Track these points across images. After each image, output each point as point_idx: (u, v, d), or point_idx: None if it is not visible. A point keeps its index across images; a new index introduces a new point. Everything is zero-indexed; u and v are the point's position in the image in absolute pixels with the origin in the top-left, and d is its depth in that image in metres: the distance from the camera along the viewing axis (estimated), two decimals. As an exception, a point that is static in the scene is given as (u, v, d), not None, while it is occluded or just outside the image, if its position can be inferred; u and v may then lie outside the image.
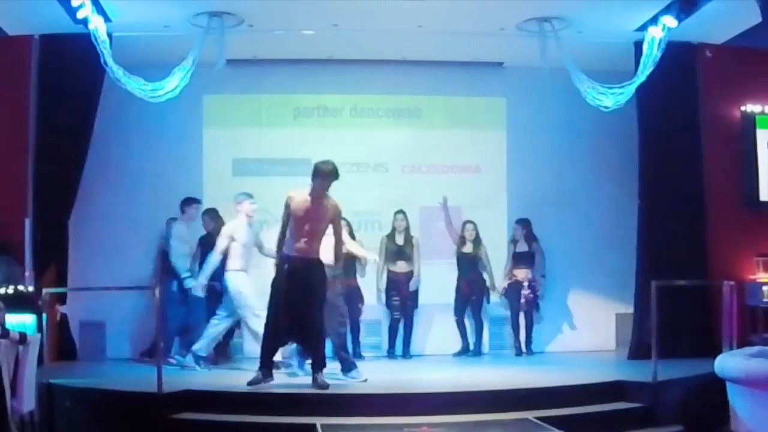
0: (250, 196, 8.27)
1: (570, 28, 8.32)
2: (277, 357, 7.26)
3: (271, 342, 6.93)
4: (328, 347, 7.26)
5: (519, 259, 9.41)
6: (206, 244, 8.93)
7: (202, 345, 8.11)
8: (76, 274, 8.73)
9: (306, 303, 6.83)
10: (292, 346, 7.51)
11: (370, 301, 9.26)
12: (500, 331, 9.61)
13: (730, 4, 7.73)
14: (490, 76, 9.82)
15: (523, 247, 9.41)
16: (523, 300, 9.30)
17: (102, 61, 7.71)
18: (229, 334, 8.74)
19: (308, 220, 6.85)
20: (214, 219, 8.97)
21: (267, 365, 6.89)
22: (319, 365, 6.88)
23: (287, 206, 6.92)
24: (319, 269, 6.93)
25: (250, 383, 6.76)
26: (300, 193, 6.94)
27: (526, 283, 9.32)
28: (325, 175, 6.89)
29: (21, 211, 8.29)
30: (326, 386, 6.75)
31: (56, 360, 8.35)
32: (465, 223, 9.40)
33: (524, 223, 9.43)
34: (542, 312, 9.46)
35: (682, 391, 6.88)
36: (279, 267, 6.93)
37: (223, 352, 8.96)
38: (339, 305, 7.53)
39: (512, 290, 9.38)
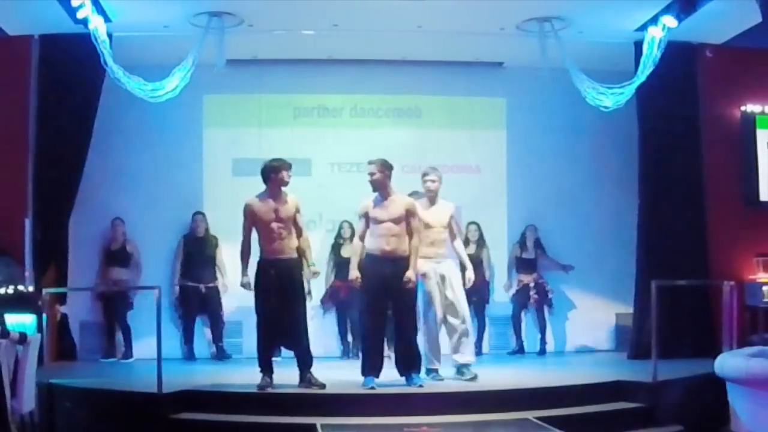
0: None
1: (570, 28, 8.31)
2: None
3: (266, 344, 6.92)
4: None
5: (526, 265, 9.47)
6: (191, 246, 9.10)
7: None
8: (76, 274, 8.74)
9: (294, 302, 6.87)
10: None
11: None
12: (500, 331, 9.61)
13: (730, 4, 7.72)
14: (490, 76, 9.82)
15: (531, 254, 9.44)
16: (531, 301, 9.40)
17: (102, 61, 7.72)
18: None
19: (277, 221, 6.85)
20: (204, 221, 9.16)
21: (268, 367, 6.88)
22: (310, 365, 6.89)
23: (248, 214, 6.89)
24: (300, 268, 6.97)
25: (259, 387, 6.74)
26: (257, 199, 6.93)
27: (532, 284, 9.40)
28: (277, 171, 6.90)
29: (21, 211, 8.30)
30: (323, 386, 6.75)
31: (56, 360, 8.36)
32: (468, 224, 9.41)
33: (534, 229, 9.46)
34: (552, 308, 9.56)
35: (682, 391, 6.88)
36: (263, 270, 6.88)
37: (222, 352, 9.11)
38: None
39: (520, 294, 9.46)
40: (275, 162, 6.97)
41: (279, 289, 6.80)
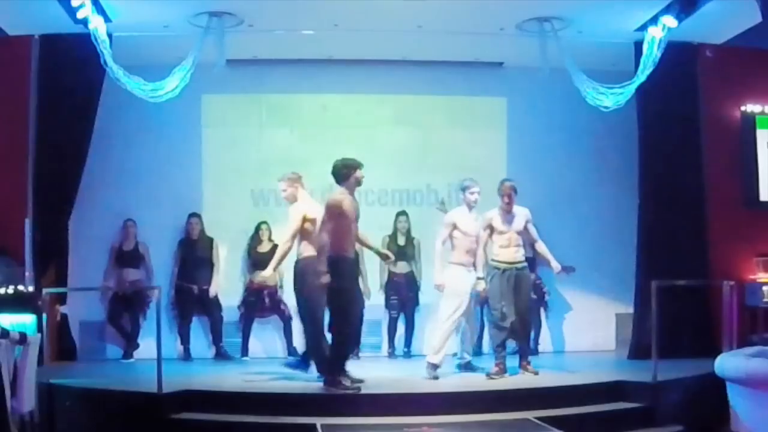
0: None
1: (570, 28, 8.31)
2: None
3: (348, 347, 6.97)
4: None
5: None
6: (186, 248, 9.11)
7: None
8: (76, 274, 8.74)
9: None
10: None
11: (371, 301, 9.25)
12: (500, 332, 9.60)
13: (730, 4, 7.73)
14: (490, 76, 9.81)
15: (529, 253, 9.42)
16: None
17: (102, 61, 7.71)
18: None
19: (356, 219, 6.94)
20: (199, 223, 9.11)
21: (344, 371, 6.84)
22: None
23: (340, 209, 6.75)
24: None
25: (353, 388, 6.74)
26: (345, 195, 6.88)
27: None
28: (356, 169, 6.94)
29: (21, 212, 8.29)
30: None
31: (56, 360, 8.36)
32: None
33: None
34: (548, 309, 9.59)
35: (682, 391, 6.89)
36: (346, 269, 6.77)
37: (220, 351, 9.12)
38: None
39: None
40: (350, 161, 6.93)
41: (358, 288, 7.15)
